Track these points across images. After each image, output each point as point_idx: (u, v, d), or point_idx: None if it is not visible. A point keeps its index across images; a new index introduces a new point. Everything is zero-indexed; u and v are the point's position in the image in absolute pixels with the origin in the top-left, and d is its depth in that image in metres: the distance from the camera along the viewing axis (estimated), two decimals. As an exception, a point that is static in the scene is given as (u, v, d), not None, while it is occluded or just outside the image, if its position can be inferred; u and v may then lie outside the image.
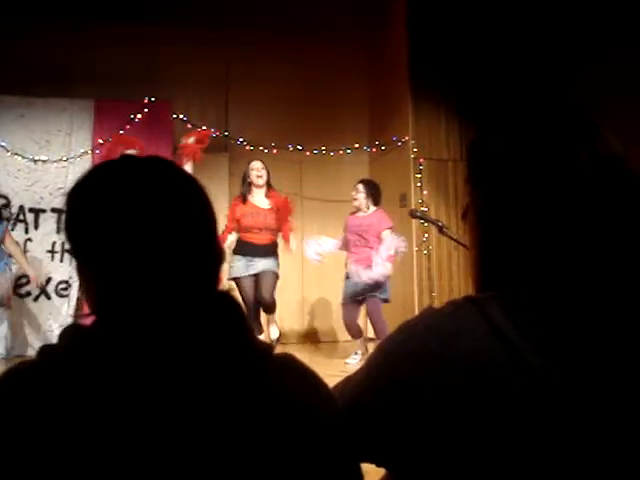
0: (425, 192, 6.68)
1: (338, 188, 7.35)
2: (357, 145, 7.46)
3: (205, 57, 7.29)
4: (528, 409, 0.65)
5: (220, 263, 0.86)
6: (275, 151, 6.76)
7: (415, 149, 6.75)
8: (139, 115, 6.65)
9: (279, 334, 5.65)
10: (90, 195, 0.81)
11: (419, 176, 6.71)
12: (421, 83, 6.76)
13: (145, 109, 6.69)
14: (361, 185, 5.70)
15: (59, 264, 6.59)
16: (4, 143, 5.69)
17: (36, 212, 6.57)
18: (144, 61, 7.17)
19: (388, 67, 7.41)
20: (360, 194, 5.64)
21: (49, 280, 6.55)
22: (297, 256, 6.04)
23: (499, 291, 0.75)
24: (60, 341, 0.76)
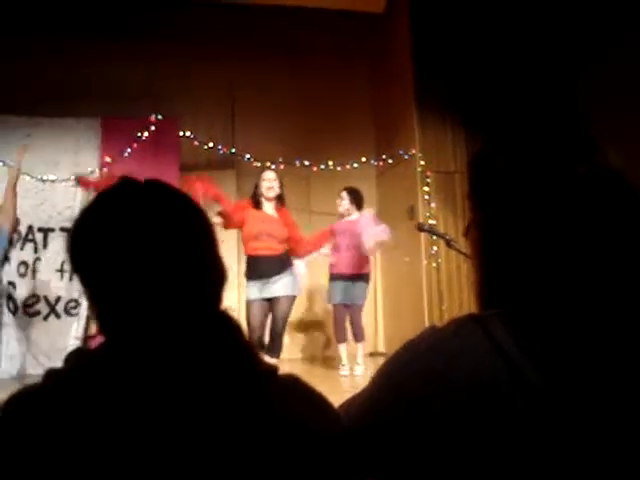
0: (433, 205, 6.67)
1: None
2: (364, 159, 7.46)
3: (207, 73, 7.32)
4: (530, 426, 0.66)
5: (222, 284, 0.86)
6: (282, 166, 6.77)
7: (422, 162, 6.74)
8: (146, 133, 6.68)
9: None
10: (91, 223, 0.82)
11: (427, 189, 6.70)
12: (426, 94, 6.72)
13: (152, 127, 6.71)
14: (345, 192, 6.14)
15: (68, 283, 6.61)
16: (12, 163, 5.72)
17: (45, 231, 6.58)
18: (144, 78, 7.21)
19: (392, 78, 7.40)
20: (344, 201, 6.08)
21: (59, 299, 6.55)
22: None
23: (502, 309, 0.75)
24: (65, 365, 0.77)
